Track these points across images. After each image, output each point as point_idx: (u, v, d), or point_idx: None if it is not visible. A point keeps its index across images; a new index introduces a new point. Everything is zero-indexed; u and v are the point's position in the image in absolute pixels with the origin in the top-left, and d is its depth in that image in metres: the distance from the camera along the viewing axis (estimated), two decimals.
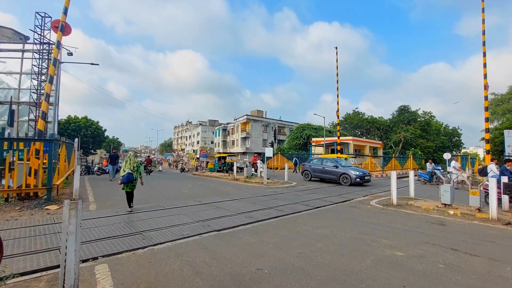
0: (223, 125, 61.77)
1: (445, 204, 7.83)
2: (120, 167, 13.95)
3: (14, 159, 8.03)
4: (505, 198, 7.39)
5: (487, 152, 16.93)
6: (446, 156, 18.69)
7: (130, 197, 7.29)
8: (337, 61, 26.55)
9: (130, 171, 7.23)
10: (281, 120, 54.84)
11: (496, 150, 32.29)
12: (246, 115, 50.95)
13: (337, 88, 26.52)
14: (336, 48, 26.17)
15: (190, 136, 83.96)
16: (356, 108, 55.12)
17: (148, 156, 30.91)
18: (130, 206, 7.36)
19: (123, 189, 7.25)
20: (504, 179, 7.44)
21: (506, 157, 14.92)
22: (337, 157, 20.44)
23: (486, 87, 16.45)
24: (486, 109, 16.95)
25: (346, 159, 20.08)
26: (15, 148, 8.50)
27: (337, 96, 26.84)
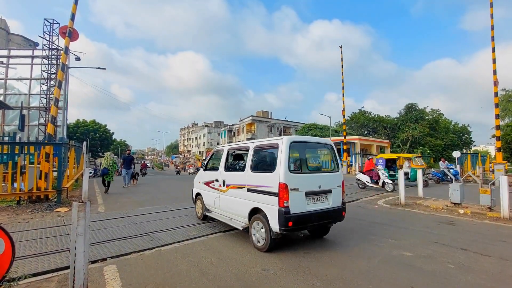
0: (228, 127, 61.82)
1: (454, 203, 7.68)
2: (134, 171, 14.35)
3: (25, 163, 8.23)
4: None
5: (498, 149, 16.57)
6: (456, 154, 18.35)
7: (106, 184, 11.07)
8: (342, 60, 26.39)
9: (106, 167, 10.96)
10: (287, 121, 54.63)
11: (508, 148, 31.54)
12: (252, 116, 50.96)
13: (343, 87, 26.36)
14: (341, 47, 26.06)
15: (196, 138, 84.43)
16: (362, 107, 54.55)
17: (144, 162, 33.43)
18: (105, 188, 11.06)
19: (104, 179, 11.04)
20: None
21: None
22: (398, 156, 15.23)
23: (496, 83, 16.12)
24: (497, 105, 16.59)
25: (410, 159, 14.54)
26: (26, 152, 8.74)
27: (343, 95, 26.66)
